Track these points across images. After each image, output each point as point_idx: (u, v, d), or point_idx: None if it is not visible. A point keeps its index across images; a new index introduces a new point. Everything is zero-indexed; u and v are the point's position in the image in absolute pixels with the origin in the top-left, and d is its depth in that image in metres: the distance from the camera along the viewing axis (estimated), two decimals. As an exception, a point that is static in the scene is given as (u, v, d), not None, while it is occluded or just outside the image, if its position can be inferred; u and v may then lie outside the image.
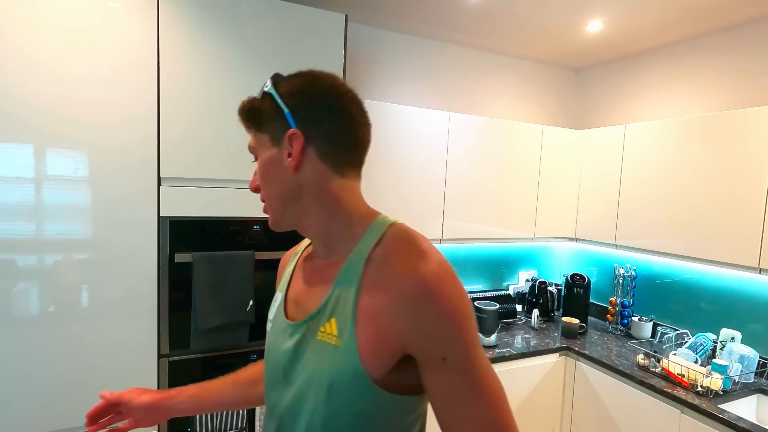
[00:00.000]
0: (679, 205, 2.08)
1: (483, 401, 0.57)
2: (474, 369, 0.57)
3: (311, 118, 0.63)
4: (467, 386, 0.57)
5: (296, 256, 0.80)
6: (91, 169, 1.39)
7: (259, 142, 0.67)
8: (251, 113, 0.67)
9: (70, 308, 1.39)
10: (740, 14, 2.05)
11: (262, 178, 0.67)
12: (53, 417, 1.39)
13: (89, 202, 1.39)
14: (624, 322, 2.53)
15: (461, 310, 0.58)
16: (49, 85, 1.31)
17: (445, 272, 0.59)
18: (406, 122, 2.17)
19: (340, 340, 0.60)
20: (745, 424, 1.55)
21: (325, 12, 1.68)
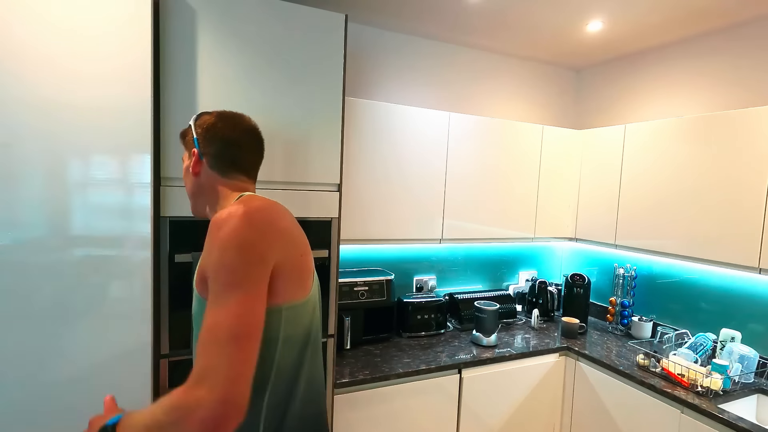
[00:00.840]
0: (679, 204, 2.08)
1: (213, 311, 0.74)
2: (222, 287, 0.76)
3: (205, 140, 1.01)
4: (213, 299, 0.75)
5: None
6: (91, 169, 1.39)
7: (184, 157, 1.08)
8: (181, 135, 1.08)
9: (67, 308, 1.39)
10: (740, 14, 2.05)
11: (184, 180, 1.07)
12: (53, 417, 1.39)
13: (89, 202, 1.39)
14: (624, 322, 2.53)
15: (224, 242, 0.79)
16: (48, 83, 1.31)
17: (225, 216, 0.82)
18: (406, 122, 2.17)
19: (193, 281, 0.91)
20: (745, 424, 1.55)
21: (325, 12, 1.68)
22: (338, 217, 1.76)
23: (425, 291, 2.63)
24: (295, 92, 1.65)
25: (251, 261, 0.78)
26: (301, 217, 1.70)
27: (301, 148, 1.68)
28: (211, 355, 0.68)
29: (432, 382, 1.99)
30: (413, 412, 1.96)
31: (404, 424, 1.95)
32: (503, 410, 2.18)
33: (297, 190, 1.67)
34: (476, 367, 2.08)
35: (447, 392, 2.03)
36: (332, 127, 1.73)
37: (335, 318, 1.78)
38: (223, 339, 0.70)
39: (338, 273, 1.80)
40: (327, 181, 1.74)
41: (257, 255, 0.79)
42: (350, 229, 2.06)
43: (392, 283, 2.25)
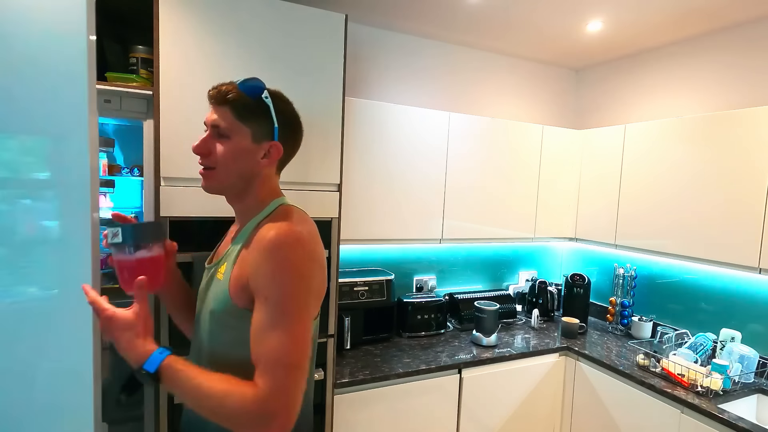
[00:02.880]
0: (679, 205, 2.08)
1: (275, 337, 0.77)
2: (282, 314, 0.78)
3: (285, 137, 0.93)
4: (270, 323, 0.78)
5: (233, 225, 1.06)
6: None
7: (234, 128, 0.88)
8: (239, 104, 0.88)
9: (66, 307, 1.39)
10: (740, 14, 2.05)
11: (227, 156, 0.88)
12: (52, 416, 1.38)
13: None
14: (624, 322, 2.53)
15: (289, 270, 0.80)
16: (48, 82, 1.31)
17: (287, 239, 0.81)
18: (406, 122, 2.17)
19: (223, 278, 0.89)
20: (745, 424, 1.55)
21: (325, 12, 1.68)
22: (338, 217, 1.76)
23: (425, 291, 2.63)
24: (295, 92, 1.64)
25: (310, 292, 0.85)
26: (301, 217, 1.70)
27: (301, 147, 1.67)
28: (279, 377, 0.75)
29: (432, 382, 1.99)
30: (413, 412, 1.96)
31: (404, 424, 1.95)
32: (503, 410, 2.18)
33: (297, 190, 1.67)
34: (476, 367, 2.08)
35: (447, 392, 2.03)
36: (332, 127, 1.73)
37: (335, 318, 1.78)
38: (289, 365, 0.77)
39: (338, 273, 1.80)
40: (327, 181, 1.74)
41: (315, 287, 0.87)
42: (350, 229, 2.06)
43: (392, 283, 2.25)
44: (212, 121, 0.89)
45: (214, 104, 0.89)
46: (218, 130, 0.88)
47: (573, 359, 2.29)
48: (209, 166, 0.90)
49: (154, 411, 1.60)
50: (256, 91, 0.89)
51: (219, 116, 0.88)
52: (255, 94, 0.89)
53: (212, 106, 0.90)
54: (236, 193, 0.94)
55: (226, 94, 0.87)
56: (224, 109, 0.88)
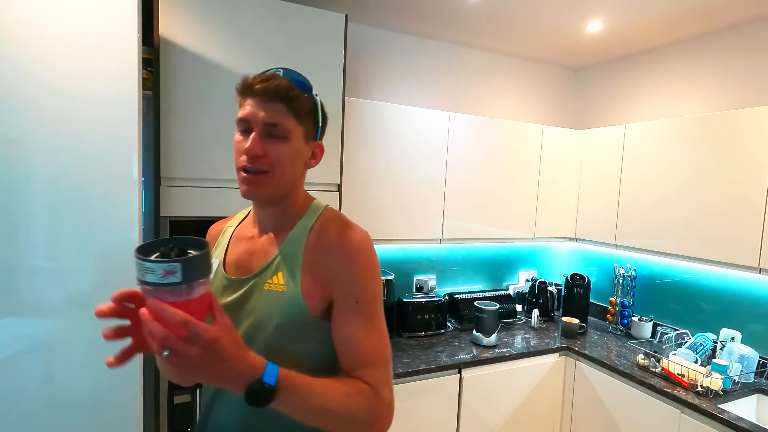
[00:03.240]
0: (679, 205, 2.08)
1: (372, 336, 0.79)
2: (372, 313, 0.80)
3: (322, 136, 0.89)
4: (365, 324, 0.79)
5: (229, 229, 0.95)
6: (91, 169, 1.38)
7: (291, 127, 0.79)
8: (295, 100, 0.79)
9: (67, 308, 1.39)
10: (740, 14, 2.05)
11: (285, 159, 0.80)
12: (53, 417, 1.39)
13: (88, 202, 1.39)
14: (624, 322, 2.53)
15: (373, 271, 0.82)
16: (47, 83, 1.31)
17: (365, 242, 0.82)
18: (406, 122, 2.17)
19: (287, 288, 0.80)
20: (745, 424, 1.55)
21: (325, 12, 1.68)
22: (338, 217, 1.76)
23: (425, 291, 2.63)
24: (295, 92, 1.65)
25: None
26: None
27: (301, 148, 1.68)
28: (385, 372, 0.78)
29: (432, 382, 1.99)
30: (413, 412, 1.96)
31: (404, 424, 1.95)
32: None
33: (297, 190, 1.67)
34: (476, 367, 2.08)
35: (447, 392, 2.03)
36: (332, 126, 1.72)
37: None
38: (387, 360, 0.80)
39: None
40: (327, 181, 1.74)
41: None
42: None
43: (392, 283, 2.25)
44: (265, 118, 0.77)
45: (266, 100, 0.77)
46: (273, 129, 0.78)
47: (573, 359, 2.29)
48: (261, 170, 0.78)
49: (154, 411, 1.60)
50: (308, 88, 0.81)
51: (273, 113, 0.77)
52: (308, 90, 0.81)
53: (258, 101, 0.77)
54: (279, 198, 0.84)
55: (287, 91, 0.77)
56: (279, 106, 0.77)
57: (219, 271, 0.88)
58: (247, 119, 0.78)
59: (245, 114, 0.78)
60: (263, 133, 0.77)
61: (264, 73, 0.80)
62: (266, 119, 0.77)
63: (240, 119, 0.79)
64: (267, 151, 0.77)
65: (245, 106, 0.79)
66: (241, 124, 0.79)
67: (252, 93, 0.77)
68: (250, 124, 0.78)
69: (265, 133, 0.77)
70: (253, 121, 0.77)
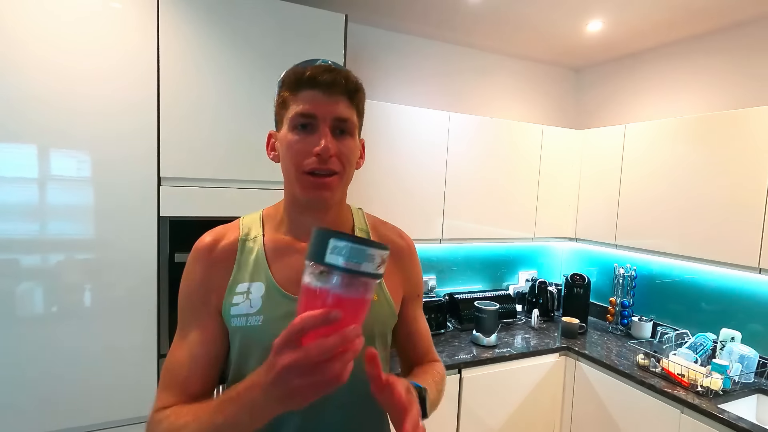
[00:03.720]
0: (679, 205, 2.08)
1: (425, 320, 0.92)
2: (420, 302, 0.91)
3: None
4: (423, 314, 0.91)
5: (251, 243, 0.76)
6: (91, 170, 1.39)
7: (356, 123, 0.74)
8: (358, 93, 0.73)
9: (70, 308, 1.39)
10: (740, 14, 2.05)
11: (353, 157, 0.74)
12: (53, 417, 1.39)
13: (89, 202, 1.39)
14: (624, 322, 2.53)
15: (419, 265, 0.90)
16: (48, 85, 1.31)
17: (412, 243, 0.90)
18: (407, 122, 2.17)
19: (377, 296, 0.77)
20: (745, 424, 1.55)
21: (325, 12, 1.68)
22: (338, 217, 1.76)
23: (425, 291, 2.63)
24: (295, 92, 1.65)
25: None
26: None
27: (301, 148, 1.67)
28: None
29: (432, 382, 1.99)
30: (413, 412, 1.96)
31: (404, 424, 1.95)
32: (503, 410, 2.18)
33: (297, 190, 1.67)
34: (476, 367, 2.08)
35: (447, 392, 2.02)
36: (332, 127, 1.73)
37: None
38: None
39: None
40: (327, 181, 1.74)
41: None
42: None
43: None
44: (336, 113, 0.69)
45: (332, 93, 0.69)
46: (343, 125, 0.71)
47: (573, 359, 2.29)
48: (333, 171, 0.70)
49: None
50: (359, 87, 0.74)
51: (342, 108, 0.70)
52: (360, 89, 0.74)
53: (323, 95, 0.68)
54: (340, 201, 0.81)
55: (357, 84, 0.72)
56: (344, 99, 0.70)
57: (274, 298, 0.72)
58: (314, 114, 0.68)
59: (310, 108, 0.68)
60: (334, 130, 0.69)
61: (314, 63, 0.71)
62: (338, 114, 0.69)
63: (301, 114, 0.68)
64: (338, 150, 0.70)
65: (302, 99, 0.69)
66: (300, 120, 0.69)
67: (315, 85, 0.68)
68: (317, 119, 0.68)
69: (335, 130, 0.70)
70: (322, 116, 0.68)
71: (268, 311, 0.71)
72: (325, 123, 0.69)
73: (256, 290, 0.72)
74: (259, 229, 0.78)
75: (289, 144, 0.70)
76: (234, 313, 0.71)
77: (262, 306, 0.71)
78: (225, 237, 0.76)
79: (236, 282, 0.73)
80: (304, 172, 0.69)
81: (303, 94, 0.69)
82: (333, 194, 0.72)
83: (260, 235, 0.77)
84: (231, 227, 0.79)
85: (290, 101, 0.70)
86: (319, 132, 0.68)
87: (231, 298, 0.72)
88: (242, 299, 0.72)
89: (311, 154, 0.68)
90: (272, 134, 0.77)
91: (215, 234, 0.77)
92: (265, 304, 0.72)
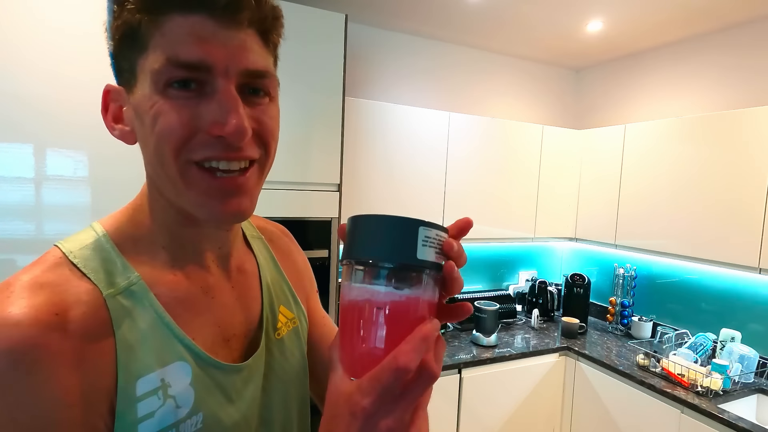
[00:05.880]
0: (679, 205, 2.08)
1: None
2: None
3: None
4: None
5: (122, 300, 0.41)
6: (91, 170, 1.39)
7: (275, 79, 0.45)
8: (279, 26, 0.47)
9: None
10: (740, 14, 2.05)
11: (276, 131, 0.45)
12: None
13: (89, 203, 1.39)
14: (624, 322, 2.53)
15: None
16: (49, 87, 1.31)
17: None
18: (406, 122, 2.17)
19: (294, 315, 0.58)
20: (745, 424, 1.55)
21: (325, 12, 1.68)
22: (338, 217, 1.76)
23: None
24: (295, 92, 1.65)
25: None
26: (301, 217, 1.70)
27: (301, 148, 1.68)
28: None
29: (432, 382, 1.99)
30: (413, 412, 1.96)
31: (404, 424, 1.95)
32: (503, 410, 2.18)
33: (297, 190, 1.67)
34: (476, 367, 2.08)
35: (447, 392, 2.03)
36: (332, 126, 1.73)
37: (335, 318, 1.78)
38: None
39: (338, 273, 1.80)
40: (327, 181, 1.74)
41: None
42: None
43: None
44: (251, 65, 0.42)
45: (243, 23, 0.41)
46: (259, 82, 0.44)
47: (573, 359, 2.29)
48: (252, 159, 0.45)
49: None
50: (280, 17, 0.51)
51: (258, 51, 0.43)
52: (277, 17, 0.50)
53: (217, 24, 0.39)
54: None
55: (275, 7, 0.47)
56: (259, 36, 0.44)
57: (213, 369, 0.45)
58: (209, 64, 0.38)
59: (199, 53, 0.37)
60: (242, 90, 0.41)
61: None
62: (250, 63, 0.40)
63: (183, 64, 0.37)
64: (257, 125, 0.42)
65: (178, 33, 0.37)
66: (180, 73, 0.38)
67: (204, 5, 0.38)
68: (213, 73, 0.38)
69: (245, 89, 0.41)
70: (223, 66, 0.38)
71: (210, 402, 0.44)
72: (229, 79, 0.39)
73: (178, 376, 0.42)
74: (126, 267, 0.43)
75: (157, 115, 0.38)
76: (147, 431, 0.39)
77: (196, 397, 0.43)
78: (67, 300, 0.38)
79: (133, 377, 0.39)
80: (192, 162, 0.40)
81: (179, 21, 0.38)
82: (253, 199, 0.44)
83: (136, 276, 0.43)
84: (62, 279, 0.39)
85: (150, 34, 0.38)
86: (217, 95, 0.39)
87: (133, 410, 0.39)
88: (158, 402, 0.40)
89: (203, 132, 0.39)
90: (113, 93, 0.44)
91: (48, 297, 0.37)
92: (202, 392, 0.43)
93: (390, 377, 0.31)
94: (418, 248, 0.33)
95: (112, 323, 0.39)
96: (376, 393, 0.31)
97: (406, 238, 0.33)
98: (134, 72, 0.40)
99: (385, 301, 0.33)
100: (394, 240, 0.33)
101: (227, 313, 0.49)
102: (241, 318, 0.51)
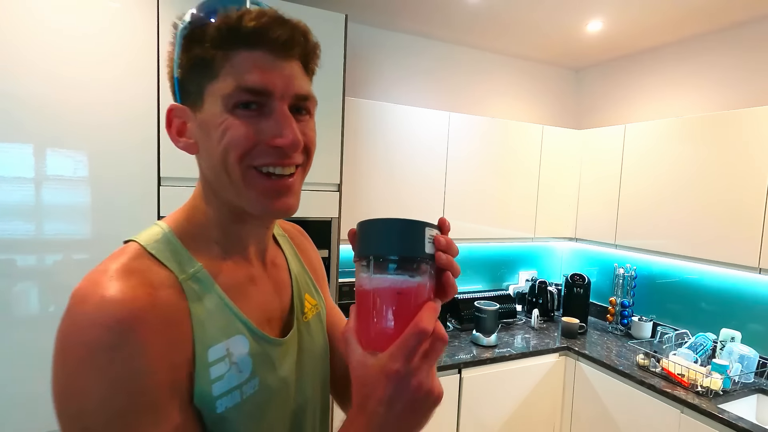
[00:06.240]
0: (679, 205, 2.08)
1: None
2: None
3: None
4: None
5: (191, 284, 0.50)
6: (92, 170, 1.39)
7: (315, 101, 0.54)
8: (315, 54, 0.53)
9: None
10: (740, 14, 2.05)
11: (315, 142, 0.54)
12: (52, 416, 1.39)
13: (89, 203, 1.39)
14: (624, 322, 2.53)
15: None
16: (50, 87, 1.31)
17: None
18: (406, 122, 2.17)
19: (316, 302, 0.68)
20: (745, 424, 1.55)
21: (325, 12, 1.68)
22: (338, 217, 1.76)
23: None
24: (295, 92, 1.65)
25: None
26: (301, 217, 1.70)
27: (301, 148, 1.67)
28: None
29: (432, 382, 1.99)
30: (413, 412, 1.96)
31: (404, 424, 1.95)
32: (503, 410, 2.18)
33: (297, 190, 1.67)
34: (476, 367, 2.08)
35: (447, 392, 2.03)
36: (332, 126, 1.73)
37: (335, 318, 1.78)
38: None
39: (338, 273, 1.80)
40: (327, 181, 1.74)
41: None
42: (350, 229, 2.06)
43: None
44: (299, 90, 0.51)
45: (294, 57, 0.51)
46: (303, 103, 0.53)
47: (573, 359, 2.29)
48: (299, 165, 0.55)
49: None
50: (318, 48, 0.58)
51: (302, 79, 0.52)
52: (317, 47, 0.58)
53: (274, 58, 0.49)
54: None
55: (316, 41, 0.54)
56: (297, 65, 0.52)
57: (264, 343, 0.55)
58: (269, 91, 0.47)
59: (262, 81, 0.47)
60: (291, 110, 0.50)
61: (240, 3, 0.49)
62: (299, 89, 0.50)
63: (249, 89, 0.47)
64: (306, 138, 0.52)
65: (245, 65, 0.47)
66: (245, 97, 0.47)
67: (265, 43, 0.47)
68: (272, 97, 0.48)
69: (293, 109, 0.50)
70: (280, 93, 0.48)
71: (263, 369, 0.53)
72: (283, 101, 0.48)
73: (239, 347, 0.51)
74: (190, 258, 0.51)
75: (226, 130, 0.47)
76: (219, 392, 0.48)
77: (253, 366, 0.52)
78: (154, 283, 0.46)
79: (205, 346, 0.48)
80: (252, 167, 0.49)
81: (245, 56, 0.47)
82: (298, 197, 0.53)
83: (199, 266, 0.51)
84: (145, 266, 0.48)
85: (221, 65, 0.47)
86: (275, 114, 0.48)
87: (206, 373, 0.47)
88: (225, 367, 0.49)
89: (263, 143, 0.48)
90: (177, 111, 0.51)
91: (140, 280, 0.45)
92: (257, 360, 0.53)
93: (414, 340, 0.39)
94: (426, 244, 0.42)
95: (188, 302, 0.48)
96: (404, 356, 0.39)
97: (418, 237, 0.42)
98: (201, 94, 0.49)
99: (404, 287, 0.42)
100: (412, 239, 0.42)
101: (267, 299, 0.59)
102: (276, 303, 0.61)
